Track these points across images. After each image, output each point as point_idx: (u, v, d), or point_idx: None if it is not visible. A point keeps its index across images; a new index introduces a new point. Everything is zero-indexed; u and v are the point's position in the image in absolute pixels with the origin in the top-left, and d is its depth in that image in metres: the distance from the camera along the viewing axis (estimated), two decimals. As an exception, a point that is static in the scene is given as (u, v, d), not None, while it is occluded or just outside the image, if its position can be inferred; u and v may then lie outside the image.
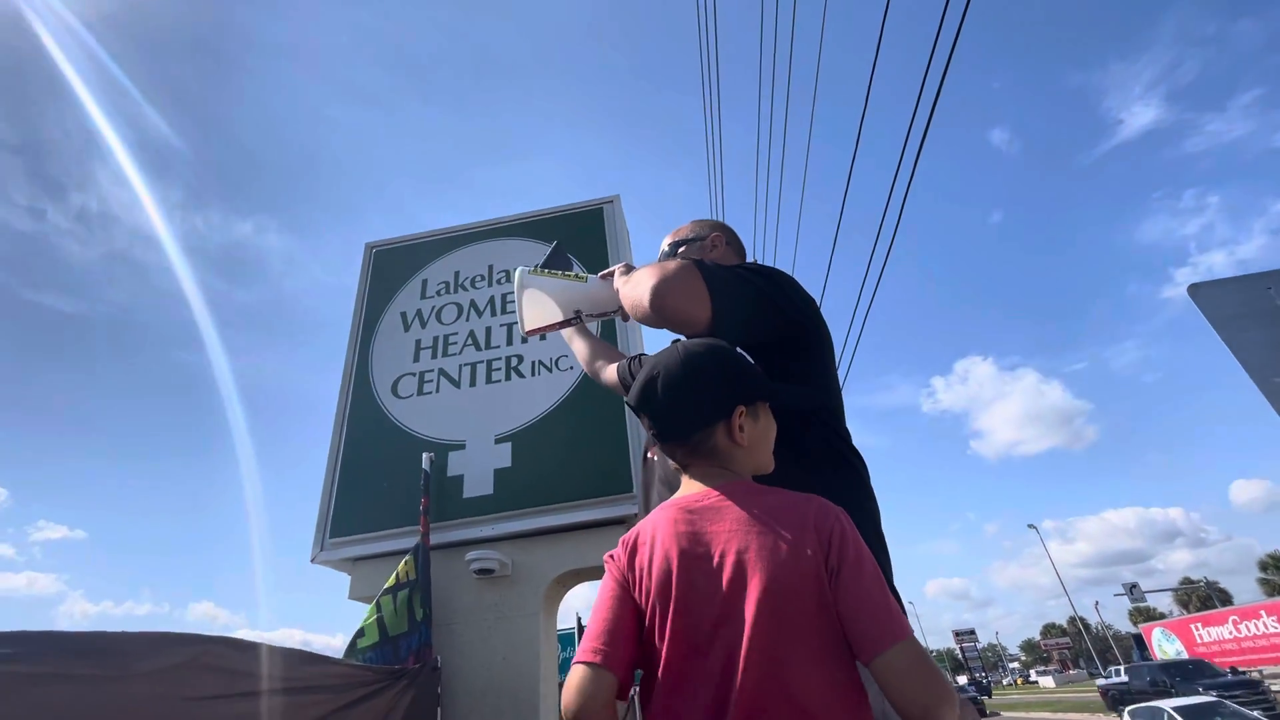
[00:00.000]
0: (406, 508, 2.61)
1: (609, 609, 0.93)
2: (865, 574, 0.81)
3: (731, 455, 0.97)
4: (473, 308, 3.20)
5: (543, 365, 2.93)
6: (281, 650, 1.65)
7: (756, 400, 0.99)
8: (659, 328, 1.27)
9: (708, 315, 1.16)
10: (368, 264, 3.49)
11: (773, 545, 0.84)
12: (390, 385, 3.03)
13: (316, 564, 2.68)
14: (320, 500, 2.77)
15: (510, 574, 2.49)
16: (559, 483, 2.59)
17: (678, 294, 1.17)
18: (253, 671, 1.53)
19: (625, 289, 1.31)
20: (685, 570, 0.86)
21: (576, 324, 1.59)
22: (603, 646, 0.89)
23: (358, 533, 2.64)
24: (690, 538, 0.89)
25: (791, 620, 0.79)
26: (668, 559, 0.88)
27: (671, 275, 1.18)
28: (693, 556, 0.87)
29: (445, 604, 2.46)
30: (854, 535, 0.84)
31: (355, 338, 3.23)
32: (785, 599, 0.80)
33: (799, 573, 0.81)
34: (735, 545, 0.85)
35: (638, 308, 1.23)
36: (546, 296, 1.54)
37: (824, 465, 1.16)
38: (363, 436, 2.89)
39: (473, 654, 2.37)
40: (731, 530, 0.87)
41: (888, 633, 0.76)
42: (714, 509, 0.90)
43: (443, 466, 2.72)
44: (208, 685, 1.41)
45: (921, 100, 4.05)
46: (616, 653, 0.89)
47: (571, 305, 1.54)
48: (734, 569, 0.83)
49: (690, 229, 1.58)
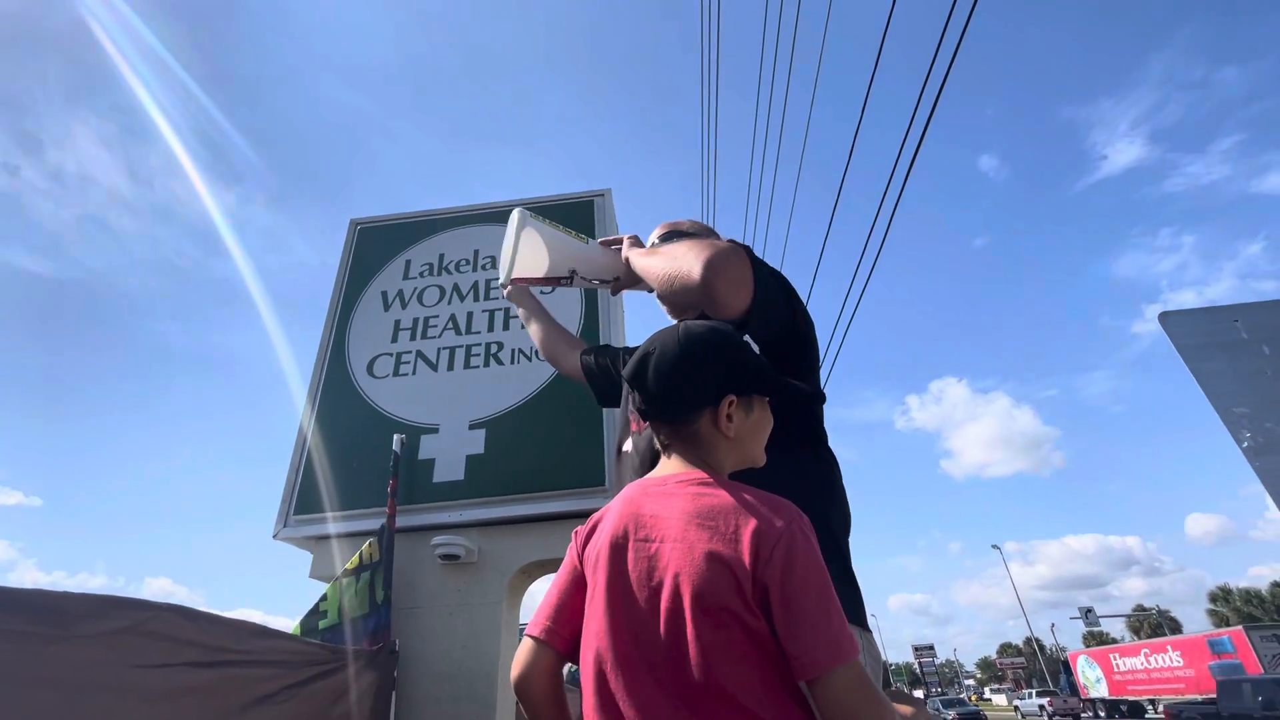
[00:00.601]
0: (374, 488, 2.58)
1: (561, 585, 0.95)
2: (809, 587, 0.75)
3: (714, 445, 0.94)
4: (455, 291, 3.17)
5: (523, 354, 2.91)
6: (235, 622, 1.61)
7: (753, 392, 0.96)
8: (690, 305, 1.22)
9: (747, 303, 1.14)
10: (351, 240, 3.44)
11: (703, 537, 0.80)
12: (366, 364, 2.99)
13: (279, 540, 2.63)
14: (286, 476, 2.72)
15: (476, 561, 2.47)
16: (531, 472, 2.58)
17: (730, 275, 1.13)
18: (203, 642, 1.49)
19: (660, 261, 1.24)
20: (620, 552, 0.86)
21: (566, 283, 1.47)
22: (547, 622, 0.92)
23: (323, 511, 2.60)
24: (635, 520, 0.87)
25: (708, 630, 0.76)
26: (609, 537, 0.88)
27: (726, 255, 1.14)
28: (633, 539, 0.86)
29: (407, 588, 2.44)
30: (804, 547, 0.78)
31: (334, 313, 3.19)
32: (700, 594, 0.76)
33: (715, 582, 0.77)
34: (670, 536, 0.83)
35: (681, 280, 1.17)
36: (544, 245, 1.40)
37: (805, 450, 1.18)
38: (334, 414, 2.85)
39: (433, 639, 2.35)
40: (673, 520, 0.84)
41: (824, 655, 0.72)
42: (669, 495, 0.88)
43: (414, 449, 2.69)
44: (154, 653, 1.37)
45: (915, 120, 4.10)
46: (560, 629, 0.91)
47: (568, 262, 1.42)
48: (663, 561, 0.81)
49: (690, 225, 1.57)
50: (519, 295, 1.94)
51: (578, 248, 1.43)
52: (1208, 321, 1.25)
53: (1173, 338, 1.25)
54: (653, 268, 1.28)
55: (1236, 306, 1.26)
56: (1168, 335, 1.25)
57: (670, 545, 0.82)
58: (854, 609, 1.06)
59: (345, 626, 2.19)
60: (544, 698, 0.91)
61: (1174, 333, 1.25)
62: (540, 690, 0.91)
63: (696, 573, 0.77)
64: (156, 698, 1.36)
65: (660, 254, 1.27)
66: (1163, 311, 1.27)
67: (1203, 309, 1.26)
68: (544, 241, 1.40)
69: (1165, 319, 1.29)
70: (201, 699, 1.47)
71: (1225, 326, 1.23)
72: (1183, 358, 1.22)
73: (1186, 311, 1.25)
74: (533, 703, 0.91)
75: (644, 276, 1.36)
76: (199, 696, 1.46)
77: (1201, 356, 1.22)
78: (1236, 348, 1.21)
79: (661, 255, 1.26)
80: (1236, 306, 1.26)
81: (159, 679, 1.37)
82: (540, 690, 0.91)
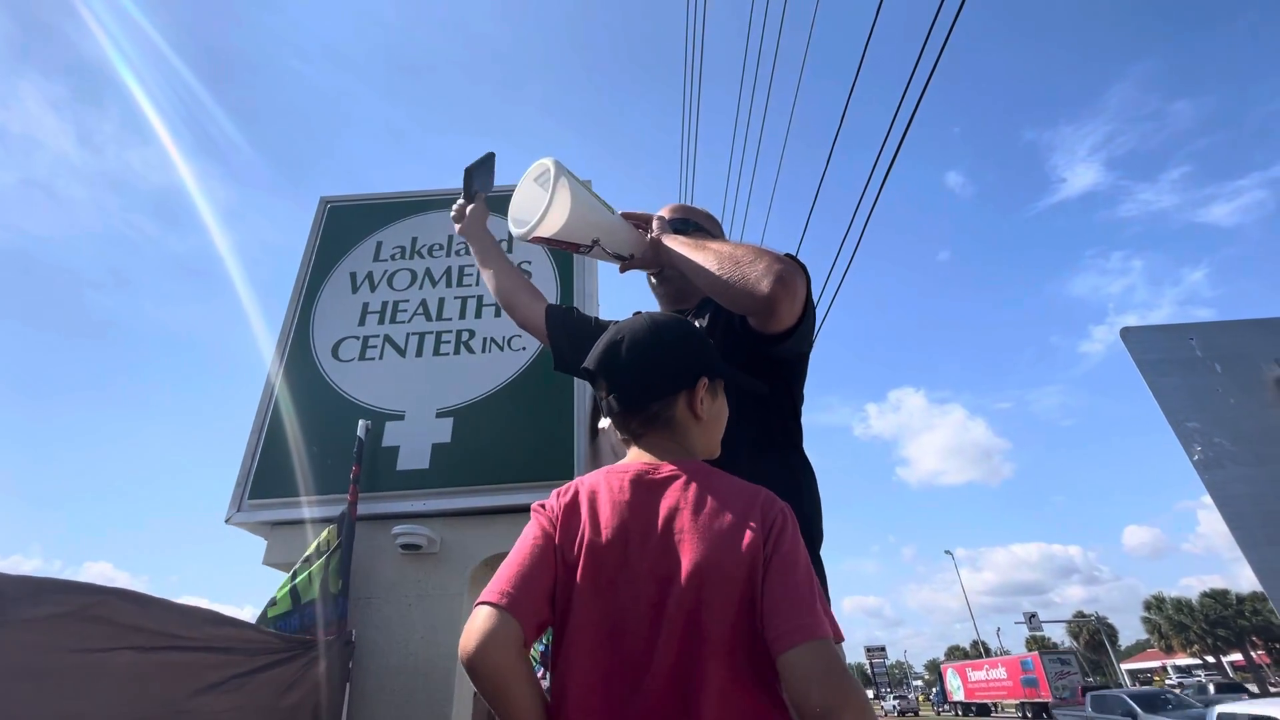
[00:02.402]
0: (334, 474, 2.51)
1: (528, 556, 0.84)
2: (798, 568, 0.77)
3: (687, 430, 0.94)
4: (428, 276, 3.11)
5: (494, 343, 2.86)
6: (187, 608, 1.55)
7: (717, 377, 0.98)
8: (741, 309, 1.18)
9: (794, 323, 1.13)
10: (320, 218, 3.33)
11: (715, 526, 0.80)
12: (331, 347, 2.90)
13: (232, 525, 2.54)
14: (242, 458, 2.63)
15: (437, 552, 2.43)
16: (498, 463, 2.54)
17: (796, 293, 1.11)
18: (149, 627, 1.43)
19: (713, 258, 1.19)
20: (622, 543, 0.83)
21: (584, 251, 1.34)
22: (513, 591, 0.80)
23: (279, 495, 2.52)
24: (632, 508, 0.85)
25: (718, 606, 0.76)
26: (606, 528, 0.84)
27: (796, 273, 1.11)
28: (632, 530, 0.83)
29: (366, 577, 2.38)
30: (794, 530, 0.82)
31: (299, 293, 3.09)
32: (716, 583, 0.76)
33: (735, 558, 0.77)
34: (677, 524, 0.82)
35: (741, 285, 1.12)
36: (576, 204, 1.25)
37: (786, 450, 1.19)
38: (295, 396, 2.76)
39: (390, 630, 2.29)
40: (676, 507, 0.83)
41: (803, 628, 0.71)
42: (662, 482, 0.87)
43: (378, 436, 2.62)
44: (96, 637, 1.31)
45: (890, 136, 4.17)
46: (527, 602, 0.80)
47: (594, 230, 1.30)
48: (671, 548, 0.80)
49: (706, 219, 1.53)
50: (473, 231, 1.84)
51: (607, 216, 1.32)
52: (1165, 338, 1.30)
53: (1132, 352, 1.29)
54: (702, 262, 1.21)
55: (1192, 325, 1.30)
56: (1128, 350, 1.30)
57: (682, 531, 0.81)
58: None
59: (297, 613, 2.13)
60: (513, 672, 0.76)
61: (1134, 348, 1.30)
62: (508, 663, 0.76)
63: (718, 554, 0.78)
64: (97, 682, 1.30)
65: (712, 251, 1.21)
66: (1124, 327, 1.31)
67: (1161, 326, 1.31)
68: (576, 201, 1.25)
69: (1126, 334, 1.33)
70: (145, 684, 1.41)
71: (1181, 344, 1.28)
72: (1140, 372, 1.26)
73: (1146, 328, 1.30)
74: (499, 678, 0.76)
75: (684, 266, 1.27)
76: (142, 682, 1.40)
77: (1158, 371, 1.26)
78: (1191, 364, 1.26)
79: (714, 253, 1.20)
80: (1192, 325, 1.30)
81: (99, 663, 1.31)
82: (508, 663, 0.76)
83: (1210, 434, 1.20)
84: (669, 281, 1.49)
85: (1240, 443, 1.19)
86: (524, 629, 0.78)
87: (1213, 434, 1.19)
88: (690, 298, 1.48)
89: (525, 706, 0.76)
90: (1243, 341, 1.30)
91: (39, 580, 1.25)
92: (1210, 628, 44.05)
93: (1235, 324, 1.28)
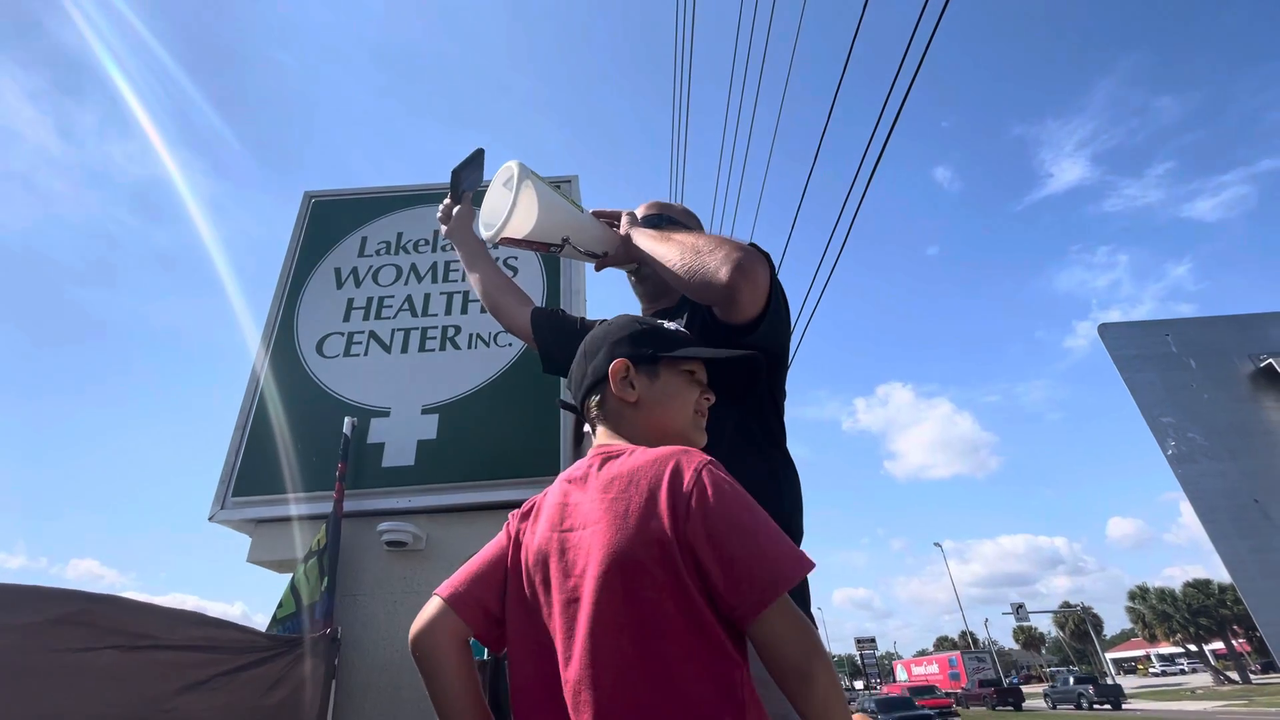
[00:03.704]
0: (319, 471, 2.50)
1: (483, 558, 0.93)
2: (732, 529, 0.73)
3: (622, 415, 0.94)
4: (413, 272, 3.09)
5: (480, 339, 2.86)
6: (167, 610, 1.55)
7: (652, 355, 0.95)
8: (705, 300, 1.18)
9: (758, 313, 1.12)
10: (304, 213, 3.30)
11: (619, 513, 0.77)
12: (316, 343, 2.89)
13: (215, 523, 2.53)
14: (226, 456, 2.61)
15: (423, 549, 2.43)
16: (483, 460, 2.54)
17: (756, 281, 1.10)
18: (129, 629, 1.43)
19: (676, 250, 1.19)
20: (545, 547, 0.84)
21: (555, 251, 1.36)
22: (459, 588, 0.88)
23: (263, 493, 2.51)
24: (559, 510, 0.86)
25: (639, 595, 0.73)
26: (540, 535, 0.86)
27: (755, 261, 1.10)
28: (558, 531, 0.84)
29: (352, 574, 2.38)
30: (716, 492, 0.75)
31: (283, 288, 3.06)
32: (629, 574, 0.73)
33: (644, 541, 0.74)
34: (590, 517, 0.80)
35: (702, 275, 1.12)
36: (542, 205, 1.27)
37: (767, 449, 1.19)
38: (279, 393, 2.74)
39: (376, 627, 2.30)
40: (590, 500, 0.82)
41: (759, 596, 0.71)
42: (581, 478, 0.87)
43: (363, 433, 2.61)
44: (75, 638, 1.30)
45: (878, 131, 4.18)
46: (470, 596, 0.88)
47: (562, 229, 1.31)
48: (586, 544, 0.78)
49: (683, 214, 1.52)
50: (459, 233, 1.81)
51: (575, 215, 1.33)
52: (1142, 335, 1.32)
53: (1110, 349, 1.31)
54: (666, 255, 1.21)
55: (1168, 321, 1.32)
56: (1105, 346, 1.31)
57: (590, 531, 0.79)
58: (803, 595, 1.08)
59: (304, 614, 2.13)
60: (443, 656, 0.85)
61: (1111, 344, 1.31)
62: (442, 653, 0.85)
63: (618, 555, 0.74)
64: (78, 681, 1.30)
65: (675, 242, 1.21)
66: (1102, 324, 1.33)
67: (1138, 323, 1.32)
68: (542, 202, 1.27)
69: (1104, 330, 1.35)
70: (127, 683, 1.40)
71: (1158, 340, 1.30)
72: (1117, 367, 1.28)
73: (1123, 324, 1.32)
74: (427, 661, 0.85)
75: (650, 260, 1.28)
76: (124, 681, 1.40)
77: (1134, 367, 1.28)
78: (1166, 360, 1.28)
79: (677, 244, 1.20)
80: (1168, 321, 1.32)
81: (81, 663, 1.30)
82: (442, 653, 0.85)
83: (1184, 428, 1.22)
84: (646, 279, 1.48)
85: (1212, 437, 1.21)
86: (465, 619, 0.86)
87: (1186, 428, 1.21)
88: (670, 294, 1.47)
89: (453, 691, 0.84)
90: (1216, 338, 1.32)
91: (22, 589, 1.25)
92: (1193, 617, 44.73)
93: (1209, 320, 1.30)
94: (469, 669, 0.86)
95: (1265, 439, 1.19)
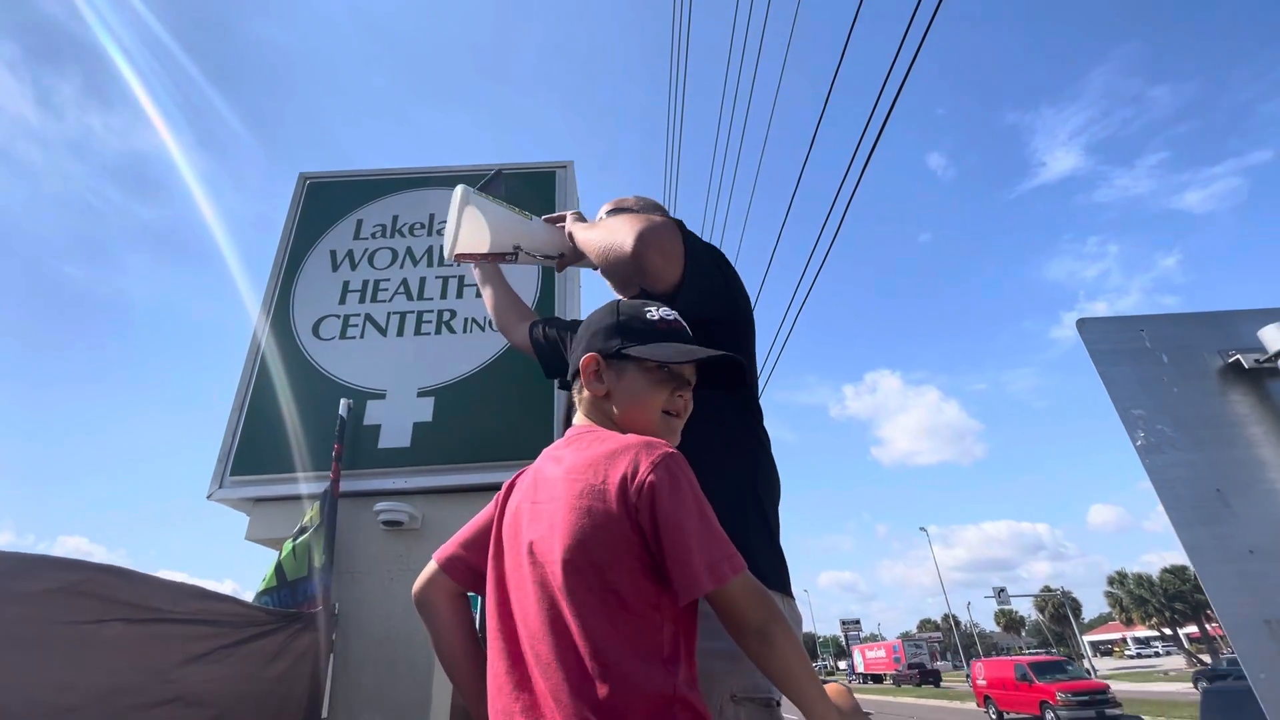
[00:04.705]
0: (316, 452, 2.54)
1: (474, 525, 1.07)
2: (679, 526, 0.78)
3: (594, 405, 1.02)
4: (409, 255, 3.11)
5: (475, 323, 2.88)
6: (172, 583, 1.60)
7: (617, 350, 0.99)
8: (624, 278, 1.26)
9: (678, 278, 1.16)
10: (299, 195, 3.30)
11: (577, 492, 0.83)
12: (312, 325, 2.91)
13: (213, 501, 2.56)
14: (224, 435, 2.64)
15: (419, 528, 2.48)
16: (479, 442, 2.58)
17: (662, 248, 1.16)
18: (135, 601, 1.47)
19: (599, 234, 1.26)
20: (518, 514, 0.93)
21: (511, 259, 1.48)
22: (450, 552, 1.05)
23: (261, 472, 2.54)
24: (534, 482, 0.95)
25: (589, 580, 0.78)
26: (514, 504, 0.96)
27: (659, 229, 1.16)
28: (529, 501, 0.92)
29: (349, 552, 2.42)
30: (670, 485, 0.80)
31: (278, 270, 3.07)
32: (582, 548, 0.79)
33: (594, 522, 0.80)
34: (555, 492, 0.87)
35: (615, 252, 1.19)
36: (485, 222, 1.40)
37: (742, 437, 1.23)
38: (276, 374, 2.77)
39: (372, 603, 2.35)
40: (558, 476, 0.89)
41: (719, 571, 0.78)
42: (556, 457, 0.95)
43: (360, 414, 2.65)
44: (83, 610, 1.34)
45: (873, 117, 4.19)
46: (459, 559, 1.03)
47: (511, 239, 1.43)
48: (548, 516, 0.85)
49: (634, 201, 1.57)
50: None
51: (521, 224, 1.43)
52: (1118, 329, 1.37)
53: (1087, 342, 1.36)
54: (591, 241, 1.30)
55: (1143, 317, 1.38)
56: (1083, 340, 1.37)
57: (555, 505, 0.85)
58: (779, 577, 1.13)
59: (285, 589, 2.17)
60: (440, 613, 1.02)
61: (1088, 338, 1.36)
62: (435, 607, 1.02)
63: (571, 531, 0.81)
64: (85, 653, 1.34)
65: (599, 227, 1.29)
66: (1080, 318, 1.38)
67: (1115, 318, 1.38)
68: (486, 219, 1.40)
69: (1082, 324, 1.40)
70: (131, 656, 1.45)
71: (1133, 335, 1.35)
72: (1093, 360, 1.33)
73: (1100, 319, 1.37)
74: (429, 615, 1.03)
75: (584, 250, 1.37)
76: (129, 653, 1.44)
77: (1109, 361, 1.33)
78: (1140, 355, 1.33)
79: (600, 229, 1.28)
80: (1143, 317, 1.38)
81: (88, 635, 1.35)
82: (435, 607, 1.02)
83: (1153, 420, 1.26)
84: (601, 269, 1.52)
85: (1180, 429, 1.26)
86: (454, 579, 1.02)
87: (1156, 420, 1.26)
88: (629, 280, 1.50)
89: (447, 636, 1.01)
90: (1188, 334, 1.37)
91: (26, 556, 1.28)
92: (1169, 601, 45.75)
93: (1182, 316, 1.36)
94: (461, 617, 1.03)
95: (1230, 431, 1.25)
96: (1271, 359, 1.20)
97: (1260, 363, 1.21)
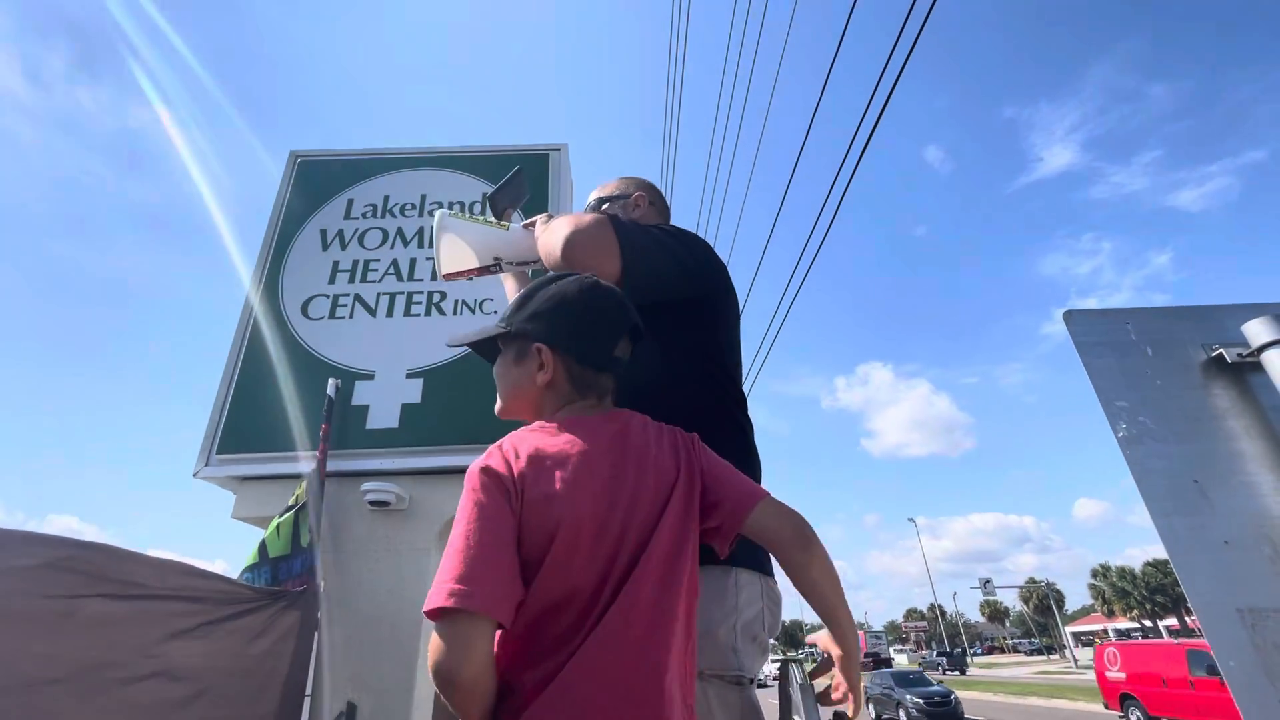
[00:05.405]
0: (303, 431, 2.53)
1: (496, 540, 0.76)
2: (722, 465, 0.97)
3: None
4: (399, 236, 3.08)
5: (465, 305, 2.87)
6: (155, 559, 1.59)
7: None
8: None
9: (617, 269, 1.19)
10: (290, 173, 3.27)
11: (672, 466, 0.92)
12: (300, 305, 2.89)
13: (200, 479, 2.56)
14: (211, 413, 2.63)
15: (406, 508, 2.48)
16: (467, 423, 2.58)
17: (588, 245, 1.19)
18: (120, 577, 1.47)
19: (543, 237, 1.31)
20: (613, 498, 0.84)
21: (496, 270, 1.55)
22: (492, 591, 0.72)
23: (248, 451, 2.54)
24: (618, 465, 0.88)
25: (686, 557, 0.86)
26: (596, 490, 0.83)
27: (585, 226, 1.20)
28: (620, 482, 0.86)
29: (336, 532, 2.43)
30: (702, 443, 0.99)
31: (268, 249, 3.04)
32: (685, 527, 0.87)
33: (687, 496, 0.90)
34: (648, 471, 0.90)
35: (550, 255, 1.25)
36: (463, 241, 1.49)
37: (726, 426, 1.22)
38: (264, 353, 2.75)
39: (359, 583, 2.36)
40: (649, 458, 0.92)
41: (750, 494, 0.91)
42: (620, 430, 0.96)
43: (348, 395, 2.64)
44: (67, 585, 1.34)
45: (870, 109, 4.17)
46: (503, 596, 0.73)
47: (490, 251, 1.50)
48: (652, 496, 0.87)
49: (616, 186, 1.59)
50: None
51: (499, 235, 1.49)
52: (1104, 322, 1.37)
53: (1073, 334, 1.36)
54: (540, 247, 1.33)
55: (1129, 310, 1.38)
56: (1069, 331, 1.37)
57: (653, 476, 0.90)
58: (762, 558, 1.13)
59: (266, 566, 2.17)
60: (488, 693, 0.73)
61: (1074, 329, 1.37)
62: (487, 684, 0.72)
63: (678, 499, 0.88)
64: (67, 626, 1.34)
65: (544, 229, 1.31)
66: (1066, 310, 1.38)
67: (1101, 310, 1.38)
68: (464, 239, 1.48)
69: (1068, 316, 1.40)
70: (114, 630, 1.45)
71: (1118, 327, 1.35)
72: (1079, 352, 1.33)
73: (1086, 312, 1.37)
74: (477, 700, 0.71)
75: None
76: (112, 628, 1.44)
77: (1095, 353, 1.34)
78: (1125, 347, 1.33)
79: (545, 232, 1.30)
80: (1129, 310, 1.38)
81: (70, 609, 1.35)
82: (487, 684, 0.72)
83: (1136, 413, 1.27)
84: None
85: (1161, 421, 1.26)
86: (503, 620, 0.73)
87: (1138, 413, 1.27)
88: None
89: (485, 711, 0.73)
90: (1173, 327, 1.38)
91: (14, 533, 1.27)
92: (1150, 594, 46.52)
93: (1168, 310, 1.36)
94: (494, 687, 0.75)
95: (1210, 424, 1.25)
96: (1254, 353, 1.21)
97: (1243, 357, 1.22)
